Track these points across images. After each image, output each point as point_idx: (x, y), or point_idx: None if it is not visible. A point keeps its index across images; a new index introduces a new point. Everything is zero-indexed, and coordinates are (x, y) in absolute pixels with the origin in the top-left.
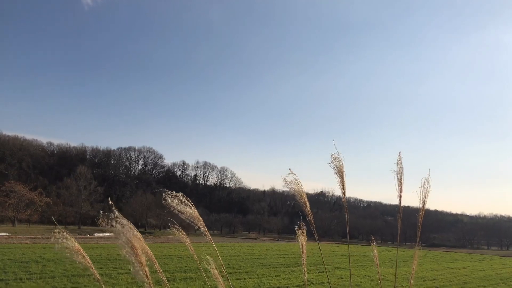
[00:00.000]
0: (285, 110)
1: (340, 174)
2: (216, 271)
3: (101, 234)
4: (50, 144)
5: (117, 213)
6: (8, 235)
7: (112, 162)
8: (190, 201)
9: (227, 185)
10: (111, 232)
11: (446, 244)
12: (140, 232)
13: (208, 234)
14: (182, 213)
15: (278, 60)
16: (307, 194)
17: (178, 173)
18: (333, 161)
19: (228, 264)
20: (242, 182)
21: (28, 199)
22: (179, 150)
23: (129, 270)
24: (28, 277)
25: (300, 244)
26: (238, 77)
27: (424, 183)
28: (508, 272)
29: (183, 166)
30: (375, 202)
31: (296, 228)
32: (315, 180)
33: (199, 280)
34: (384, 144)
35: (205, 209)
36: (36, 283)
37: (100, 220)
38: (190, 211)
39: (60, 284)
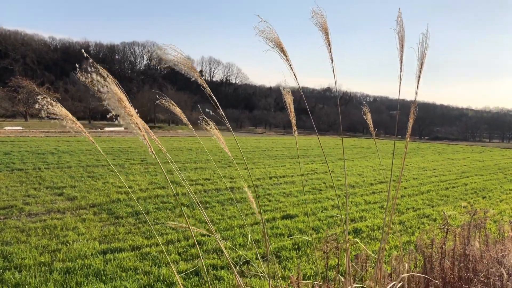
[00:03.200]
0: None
1: (325, 30)
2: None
3: (112, 128)
4: (52, 39)
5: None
6: (22, 129)
7: (117, 57)
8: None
9: (233, 81)
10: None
11: (449, 137)
12: (150, 126)
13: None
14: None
15: None
16: (313, 90)
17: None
18: (314, 16)
19: (236, 156)
20: (248, 78)
21: (37, 95)
22: (183, 46)
23: (141, 161)
24: (46, 167)
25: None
26: None
27: (423, 40)
28: (506, 162)
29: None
30: (381, 97)
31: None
32: (321, 76)
33: (209, 169)
34: (393, 34)
35: (211, 105)
36: (54, 172)
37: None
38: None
39: (76, 174)
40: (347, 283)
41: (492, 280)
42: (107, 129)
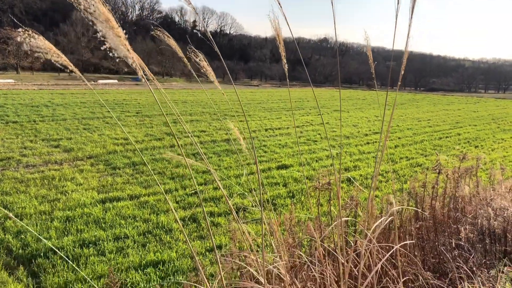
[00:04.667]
0: None
1: None
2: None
3: (105, 81)
4: None
5: None
6: (14, 82)
7: (107, 7)
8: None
9: (228, 32)
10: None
11: (444, 89)
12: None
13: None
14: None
15: None
16: (309, 40)
17: (177, 19)
18: None
19: (232, 108)
20: (243, 28)
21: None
22: None
23: (136, 113)
24: (41, 120)
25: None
26: None
27: None
28: (500, 112)
29: (181, 11)
30: (378, 48)
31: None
32: (317, 26)
33: (204, 122)
34: None
35: (206, 56)
36: (49, 125)
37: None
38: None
39: (72, 126)
40: (339, 215)
41: (479, 220)
42: (100, 81)
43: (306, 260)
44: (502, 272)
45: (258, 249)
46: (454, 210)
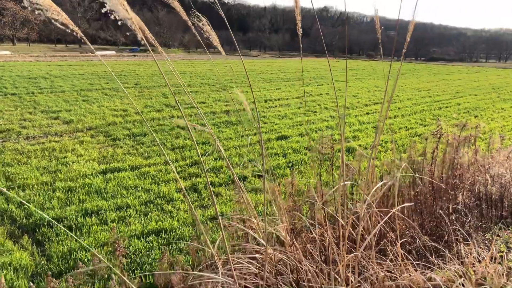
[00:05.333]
0: None
1: None
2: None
3: (103, 52)
4: None
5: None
6: (11, 54)
7: None
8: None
9: (226, 1)
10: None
11: (445, 58)
12: (141, 49)
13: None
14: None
15: None
16: (310, 10)
17: None
18: None
19: (231, 79)
20: None
21: (23, 17)
22: None
23: (135, 84)
24: (40, 92)
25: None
26: None
27: None
28: (501, 82)
29: None
30: (379, 17)
31: None
32: None
33: (203, 93)
34: None
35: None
36: (48, 97)
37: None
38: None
39: (71, 98)
40: (341, 179)
41: (477, 186)
42: (98, 53)
43: (307, 222)
44: (498, 235)
45: (259, 216)
46: (452, 177)
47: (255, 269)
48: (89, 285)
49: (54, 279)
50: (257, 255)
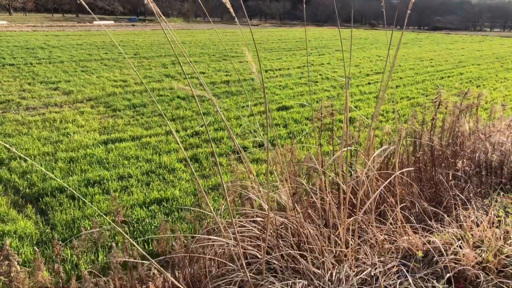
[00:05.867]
0: None
1: None
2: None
3: (101, 22)
4: None
5: None
6: (8, 24)
7: None
8: None
9: None
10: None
11: (449, 27)
12: (140, 19)
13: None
14: None
15: None
16: None
17: None
18: None
19: (231, 49)
20: None
21: None
22: None
23: (134, 55)
24: (38, 62)
25: None
26: None
27: None
28: (505, 51)
29: None
30: None
31: None
32: None
33: (203, 63)
34: None
35: None
36: (47, 67)
37: None
38: None
39: (70, 68)
40: (343, 143)
41: (477, 154)
42: (96, 23)
43: (307, 188)
44: (496, 201)
45: (260, 182)
46: (452, 145)
47: (257, 232)
48: (93, 253)
49: (60, 244)
50: (258, 219)
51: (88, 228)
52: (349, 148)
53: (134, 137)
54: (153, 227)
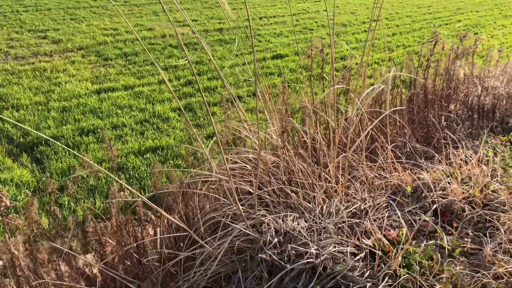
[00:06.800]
0: None
1: None
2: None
3: None
4: None
5: None
6: None
7: None
8: None
9: None
10: None
11: None
12: None
13: None
14: None
15: None
16: None
17: None
18: None
19: None
20: None
21: None
22: None
23: (124, 2)
24: (24, 10)
25: None
26: None
27: None
28: None
29: None
30: None
31: None
32: None
33: (195, 10)
34: None
35: None
36: (34, 15)
37: None
38: None
39: (58, 16)
40: (332, 81)
41: (470, 99)
42: None
43: (297, 126)
44: (487, 141)
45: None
46: (446, 89)
47: (249, 168)
48: (89, 199)
49: (53, 182)
50: (250, 155)
51: (85, 176)
52: (340, 86)
53: (127, 86)
54: (148, 174)
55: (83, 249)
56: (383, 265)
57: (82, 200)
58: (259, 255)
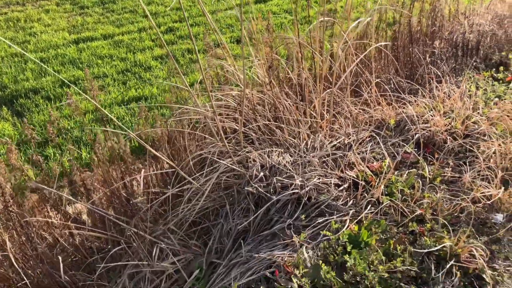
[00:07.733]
0: None
1: None
2: None
3: None
4: None
5: None
6: None
7: None
8: None
9: None
10: None
11: None
12: None
13: None
14: None
15: None
16: None
17: None
18: None
19: None
20: None
21: None
22: None
23: None
24: None
25: None
26: None
27: None
28: None
29: None
30: None
31: None
32: None
33: None
34: None
35: None
36: None
37: None
38: None
39: None
40: (318, 15)
41: (455, 36)
42: None
43: (283, 62)
44: (470, 77)
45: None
46: (431, 25)
47: (234, 104)
48: (75, 151)
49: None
50: (234, 92)
51: (69, 128)
52: (327, 19)
53: (106, 35)
54: (133, 124)
55: (71, 196)
56: (366, 194)
57: (68, 152)
58: (246, 188)
